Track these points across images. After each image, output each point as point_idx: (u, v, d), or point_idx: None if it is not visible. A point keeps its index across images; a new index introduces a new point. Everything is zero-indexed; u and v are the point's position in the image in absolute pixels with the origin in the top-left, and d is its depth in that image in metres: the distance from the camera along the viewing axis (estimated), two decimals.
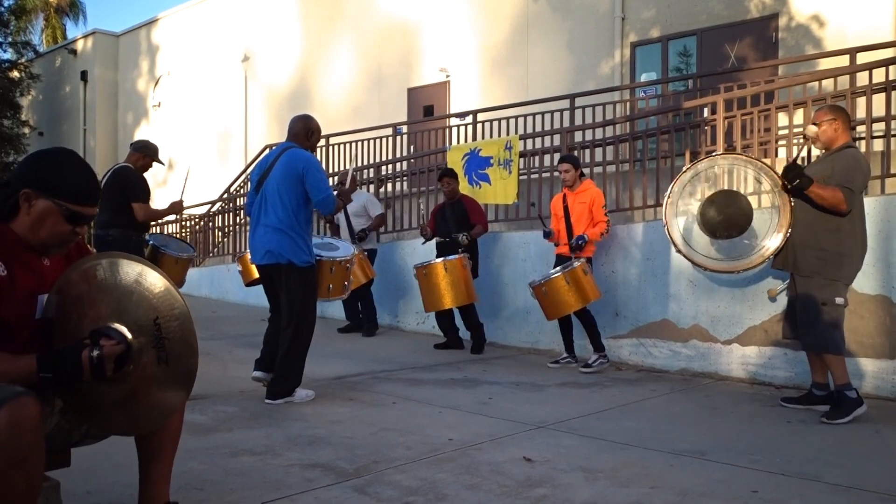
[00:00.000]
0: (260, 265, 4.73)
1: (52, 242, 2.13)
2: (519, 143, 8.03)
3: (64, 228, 2.11)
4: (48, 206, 2.07)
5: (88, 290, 2.10)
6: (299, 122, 4.81)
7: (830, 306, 4.29)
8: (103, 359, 1.97)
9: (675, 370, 5.97)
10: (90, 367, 1.97)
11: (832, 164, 4.34)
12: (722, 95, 6.65)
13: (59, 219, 2.09)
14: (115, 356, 2.00)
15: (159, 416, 2.15)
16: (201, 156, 18.90)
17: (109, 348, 1.99)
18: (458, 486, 3.01)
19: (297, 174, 4.55)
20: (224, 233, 12.77)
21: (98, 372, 1.97)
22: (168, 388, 2.09)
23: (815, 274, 4.36)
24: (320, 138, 4.92)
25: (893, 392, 4.87)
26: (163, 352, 2.04)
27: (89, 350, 1.97)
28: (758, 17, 10.58)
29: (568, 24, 12.50)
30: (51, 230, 2.10)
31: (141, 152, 5.90)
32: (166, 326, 2.04)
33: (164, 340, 2.04)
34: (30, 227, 2.09)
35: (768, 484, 3.09)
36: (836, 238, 4.31)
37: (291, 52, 17.04)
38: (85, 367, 1.97)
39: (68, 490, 2.35)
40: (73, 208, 2.09)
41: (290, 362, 4.62)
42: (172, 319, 2.04)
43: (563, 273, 5.75)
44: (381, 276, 8.14)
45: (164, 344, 2.04)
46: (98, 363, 1.96)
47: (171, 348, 2.04)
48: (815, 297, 4.32)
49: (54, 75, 22.80)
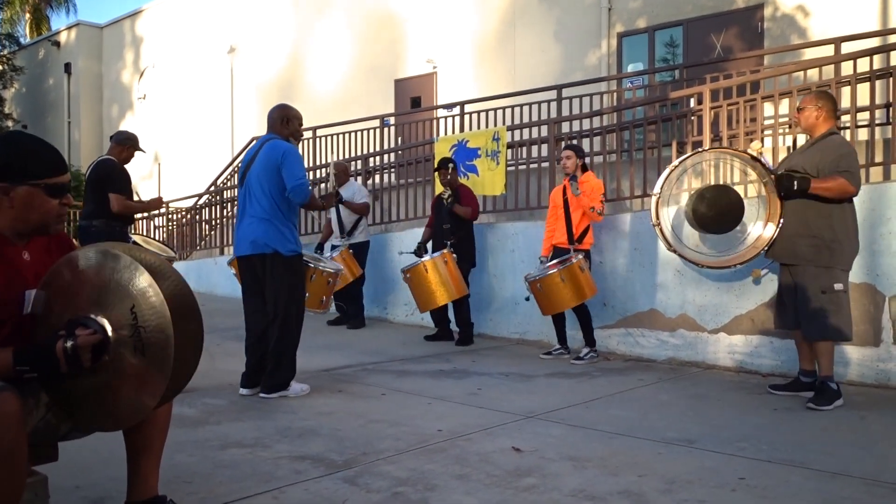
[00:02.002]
0: (244, 257, 4.69)
1: (48, 221, 2.14)
2: (506, 134, 8.03)
3: (51, 205, 2.12)
4: (28, 191, 2.07)
5: (70, 282, 2.08)
6: (275, 111, 4.81)
7: (830, 293, 4.33)
8: (78, 349, 1.93)
9: (662, 359, 6.00)
10: (65, 359, 1.93)
11: (820, 152, 4.36)
12: (708, 86, 6.67)
13: (43, 198, 2.10)
14: (90, 346, 1.96)
15: (137, 410, 2.08)
16: (187, 148, 18.78)
17: (84, 338, 1.95)
18: (447, 477, 3.02)
19: (276, 164, 4.54)
20: (211, 225, 12.70)
21: (74, 363, 1.94)
22: (145, 380, 2.03)
23: (809, 262, 4.38)
24: (301, 124, 4.88)
25: (878, 379, 4.92)
26: (139, 341, 2.00)
27: (63, 341, 1.94)
28: (743, 7, 10.62)
29: (555, 14, 12.49)
30: (40, 211, 2.11)
31: (122, 144, 5.87)
32: (142, 316, 1.99)
33: (139, 329, 1.99)
34: (16, 217, 2.09)
35: (755, 471, 3.12)
36: (828, 224, 4.34)
37: (278, 44, 16.93)
38: (60, 359, 1.93)
39: (56, 484, 2.34)
40: (51, 182, 2.10)
41: (281, 355, 4.59)
42: (149, 308, 1.99)
43: (559, 270, 5.73)
44: (370, 269, 8.12)
45: (139, 333, 1.99)
46: (73, 354, 1.93)
47: (146, 337, 1.99)
48: (815, 286, 4.36)
49: (38, 67, 22.56)
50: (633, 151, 7.58)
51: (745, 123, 6.52)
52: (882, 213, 4.93)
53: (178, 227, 13.64)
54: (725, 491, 2.87)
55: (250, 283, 4.74)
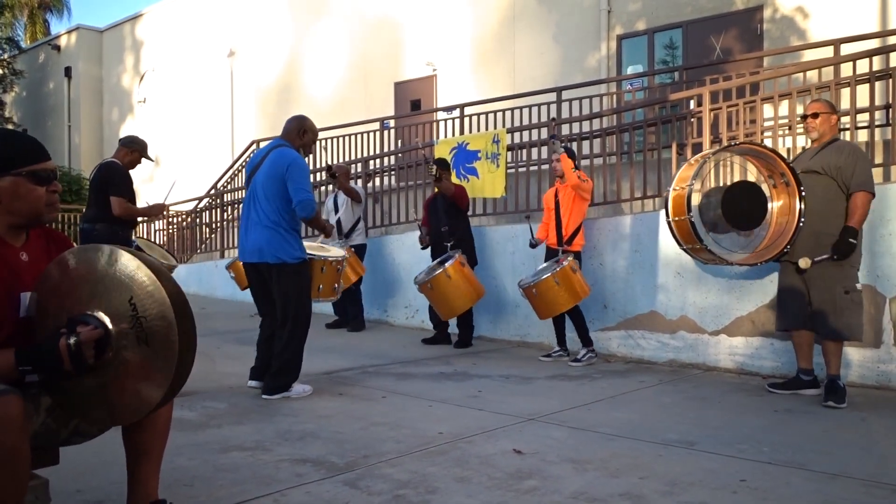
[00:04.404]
0: (249, 263, 4.71)
1: (38, 210, 2.13)
2: (506, 137, 8.04)
3: (38, 193, 2.11)
4: (11, 181, 2.07)
5: (62, 282, 2.08)
6: (294, 121, 4.84)
7: (853, 292, 4.41)
8: (81, 345, 1.92)
9: (663, 361, 6.00)
10: (69, 356, 1.92)
11: (837, 153, 4.46)
12: (708, 87, 6.67)
13: (28, 187, 2.09)
14: (93, 341, 1.95)
15: (145, 403, 2.06)
16: (188, 151, 18.79)
17: (87, 333, 1.94)
18: (448, 479, 3.01)
19: (281, 174, 4.54)
20: (212, 229, 12.71)
21: (78, 360, 1.93)
22: (151, 370, 2.01)
23: (833, 262, 4.42)
24: (315, 140, 4.91)
25: (878, 381, 4.92)
26: (141, 331, 1.99)
27: (66, 338, 1.93)
28: (743, 8, 10.63)
29: (554, 16, 12.50)
30: (28, 200, 2.10)
31: (129, 147, 5.84)
32: (142, 305, 1.98)
33: (140, 319, 1.98)
34: (6, 211, 2.09)
35: (756, 473, 3.12)
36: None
37: (277, 47, 16.95)
38: (64, 356, 1.92)
39: (57, 488, 2.34)
40: (34, 169, 2.10)
41: (287, 359, 4.61)
42: (147, 297, 1.98)
43: (552, 274, 5.73)
44: (370, 271, 8.12)
45: (141, 323, 1.98)
46: (76, 350, 1.92)
47: (148, 326, 1.98)
48: (838, 286, 4.41)
49: (38, 71, 22.58)
50: (632, 153, 7.58)
51: (745, 125, 6.53)
52: (882, 215, 4.93)
53: (178, 231, 13.64)
54: (726, 493, 2.87)
55: (258, 287, 4.77)
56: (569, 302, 5.78)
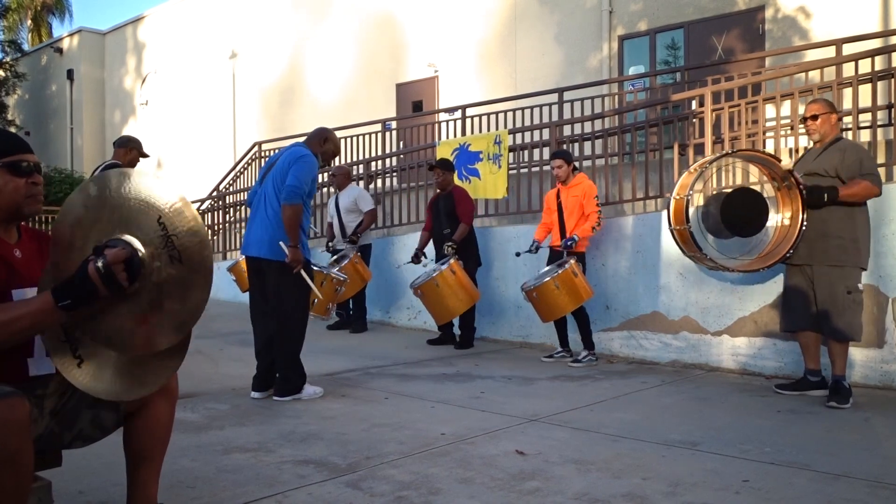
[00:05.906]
0: (252, 266, 4.72)
1: (18, 201, 2.12)
2: (508, 138, 8.04)
3: (16, 183, 2.11)
4: None
5: (86, 213, 2.02)
6: (319, 129, 4.95)
7: (855, 293, 4.43)
8: (110, 266, 1.87)
9: (665, 362, 5.99)
10: (100, 280, 1.87)
11: (840, 153, 4.45)
12: (710, 88, 6.66)
13: (7, 177, 2.09)
14: (122, 261, 1.89)
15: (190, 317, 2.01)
16: (190, 153, 18.81)
17: (113, 254, 1.89)
18: (451, 480, 3.01)
19: (289, 168, 4.58)
20: (214, 231, 12.72)
21: (110, 281, 1.88)
22: (189, 286, 1.97)
23: (837, 263, 4.44)
24: (335, 153, 4.97)
25: (882, 381, 4.91)
26: (174, 250, 1.95)
27: (94, 263, 1.88)
28: (744, 9, 10.62)
29: (555, 17, 12.50)
30: (7, 192, 2.10)
31: (125, 147, 5.89)
32: (171, 224, 1.95)
33: (171, 238, 1.95)
34: None
35: (759, 473, 3.12)
36: (851, 225, 4.43)
37: (279, 49, 16.96)
38: (96, 281, 1.87)
39: (60, 490, 2.35)
40: (11, 160, 2.09)
41: (287, 359, 4.62)
42: (176, 215, 1.94)
43: (552, 278, 5.72)
44: (373, 273, 8.12)
45: (172, 242, 1.95)
46: (106, 272, 1.87)
47: (181, 244, 1.95)
48: (841, 286, 4.42)
49: (40, 74, 22.61)
50: (634, 154, 7.57)
51: (747, 125, 6.52)
52: (885, 215, 4.93)
53: None
54: (729, 493, 2.86)
55: (256, 283, 4.78)
56: (570, 304, 5.78)
